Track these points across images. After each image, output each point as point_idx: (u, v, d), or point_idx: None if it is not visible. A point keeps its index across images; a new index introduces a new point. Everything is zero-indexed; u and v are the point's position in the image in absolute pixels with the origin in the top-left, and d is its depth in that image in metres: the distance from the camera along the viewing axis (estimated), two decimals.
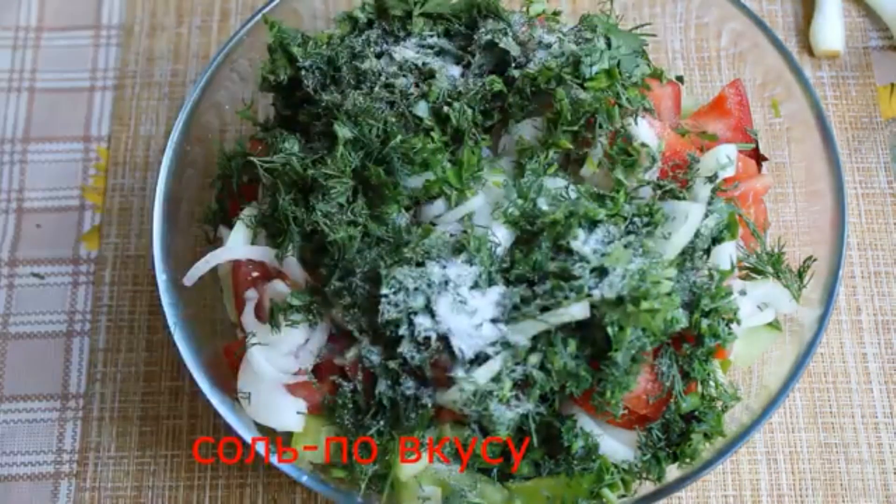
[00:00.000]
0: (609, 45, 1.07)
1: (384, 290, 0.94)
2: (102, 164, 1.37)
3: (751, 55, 1.15)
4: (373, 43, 1.08)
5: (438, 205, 1.01)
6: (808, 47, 1.36)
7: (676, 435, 0.99)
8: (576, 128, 1.03)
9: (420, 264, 0.96)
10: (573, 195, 1.00)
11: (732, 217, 1.01)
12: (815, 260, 1.05)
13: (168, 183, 1.09)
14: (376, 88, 1.04)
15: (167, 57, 1.42)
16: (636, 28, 1.11)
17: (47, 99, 1.41)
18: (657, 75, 1.12)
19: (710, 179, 1.02)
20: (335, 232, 0.99)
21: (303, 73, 1.07)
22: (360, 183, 1.01)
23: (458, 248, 0.97)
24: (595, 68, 1.04)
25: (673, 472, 1.00)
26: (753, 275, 1.05)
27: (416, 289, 0.94)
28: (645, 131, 1.02)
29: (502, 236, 0.98)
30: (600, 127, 1.02)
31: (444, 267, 0.96)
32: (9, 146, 1.38)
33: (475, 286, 0.95)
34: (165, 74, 1.41)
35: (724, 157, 1.04)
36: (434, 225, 1.01)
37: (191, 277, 1.04)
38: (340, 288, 0.99)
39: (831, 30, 1.33)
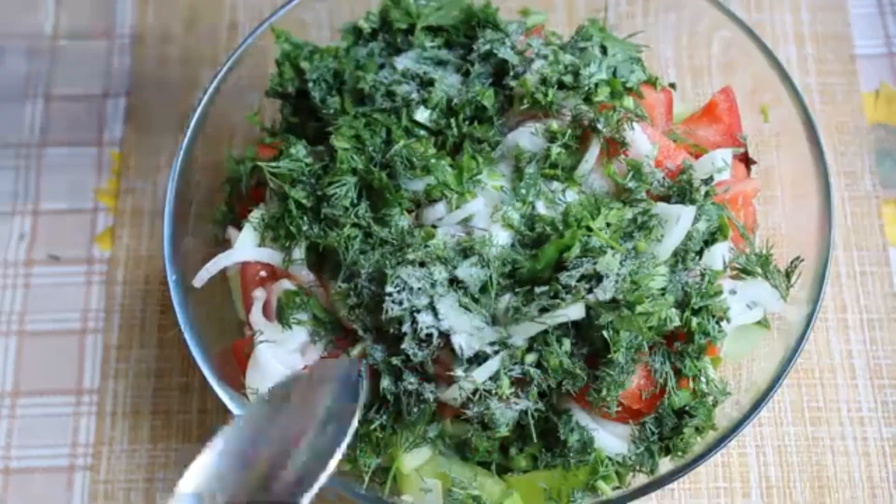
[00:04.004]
0: (605, 53, 1.09)
1: (388, 289, 0.96)
2: (115, 168, 1.39)
3: (741, 62, 1.17)
4: (376, 55, 1.11)
5: (439, 208, 1.03)
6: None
7: (669, 429, 1.00)
8: (574, 143, 1.05)
9: (423, 265, 0.97)
10: (569, 198, 1.02)
11: (723, 219, 1.03)
12: (802, 260, 1.06)
13: (178, 186, 1.10)
14: (378, 97, 1.07)
15: (177, 64, 1.44)
16: (630, 36, 1.13)
17: (62, 105, 1.43)
18: (652, 82, 1.13)
19: (705, 182, 1.03)
20: (340, 234, 1.01)
21: (310, 85, 1.09)
22: (364, 186, 1.03)
23: (466, 252, 0.99)
24: (595, 79, 1.06)
25: (666, 464, 1.01)
26: (743, 275, 1.06)
27: (419, 288, 0.95)
28: (639, 137, 1.04)
29: (502, 239, 1.00)
30: (595, 131, 1.03)
31: (455, 268, 0.97)
32: (25, 150, 1.40)
33: (483, 289, 0.96)
34: (176, 81, 1.43)
35: (720, 161, 1.06)
36: (435, 227, 1.02)
37: (200, 279, 1.05)
38: (346, 289, 1.00)
39: None
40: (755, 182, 1.15)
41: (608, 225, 0.98)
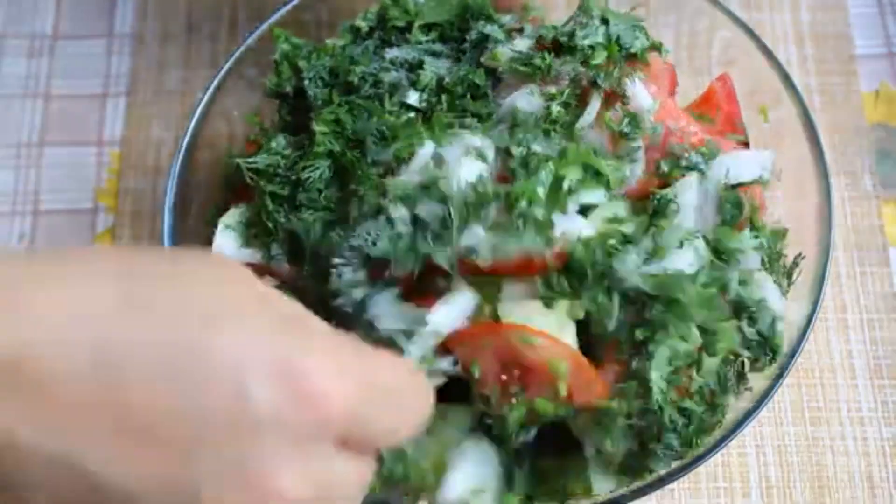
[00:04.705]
0: (606, 23, 1.08)
1: (336, 260, 0.92)
2: (115, 168, 1.39)
3: (741, 63, 1.17)
4: (370, 52, 1.11)
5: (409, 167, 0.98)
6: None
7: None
8: (574, 101, 1.03)
9: (380, 212, 0.92)
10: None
11: (754, 202, 1.01)
12: (804, 257, 1.06)
13: (178, 186, 1.10)
14: (365, 87, 1.06)
15: (177, 64, 1.44)
16: (632, 9, 1.12)
17: (62, 105, 1.44)
18: (657, 47, 1.12)
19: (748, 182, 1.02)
20: (302, 218, 0.99)
21: (306, 83, 1.09)
22: (339, 168, 1.01)
23: (429, 190, 0.93)
24: (589, 40, 1.04)
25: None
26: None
27: (371, 241, 0.91)
28: (640, 91, 1.03)
29: (470, 170, 0.94)
30: (595, 86, 1.02)
31: (416, 205, 0.92)
32: (25, 150, 1.41)
33: (444, 225, 0.91)
34: (176, 81, 1.43)
35: (769, 164, 1.03)
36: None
37: None
38: (312, 272, 0.98)
39: None
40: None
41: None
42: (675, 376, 0.92)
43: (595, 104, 1.02)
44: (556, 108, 1.02)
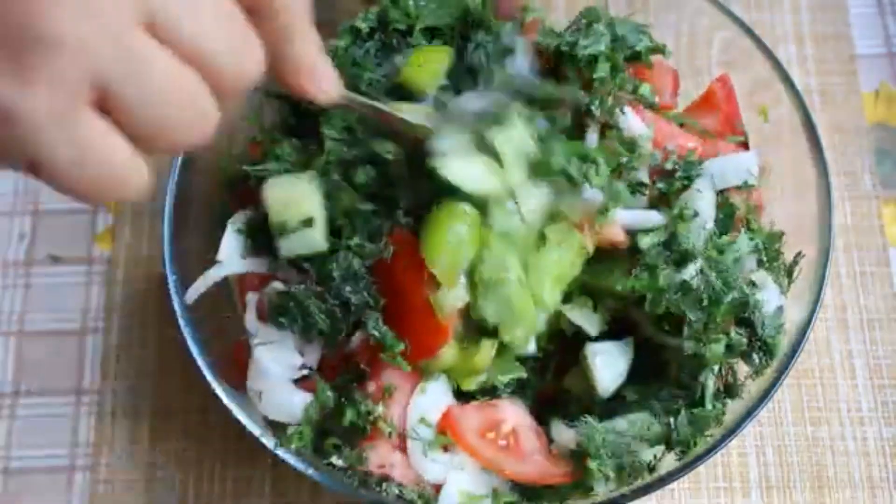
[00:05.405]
0: (611, 28, 1.08)
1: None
2: None
3: (741, 62, 1.17)
4: (372, 55, 1.11)
5: None
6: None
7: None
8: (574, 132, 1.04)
9: None
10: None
11: (749, 206, 1.04)
12: (804, 256, 1.06)
13: (178, 186, 1.10)
14: (372, 93, 1.06)
15: None
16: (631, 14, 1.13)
17: None
18: (660, 49, 1.13)
19: (738, 188, 1.05)
20: None
21: None
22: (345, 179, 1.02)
23: None
24: (591, 50, 1.05)
25: (667, 464, 1.01)
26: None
27: None
28: (631, 120, 1.04)
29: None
30: (590, 115, 1.03)
31: None
32: None
33: None
34: None
35: (755, 167, 1.05)
36: None
37: (190, 296, 1.04)
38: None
39: None
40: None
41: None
42: None
43: (593, 136, 1.03)
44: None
